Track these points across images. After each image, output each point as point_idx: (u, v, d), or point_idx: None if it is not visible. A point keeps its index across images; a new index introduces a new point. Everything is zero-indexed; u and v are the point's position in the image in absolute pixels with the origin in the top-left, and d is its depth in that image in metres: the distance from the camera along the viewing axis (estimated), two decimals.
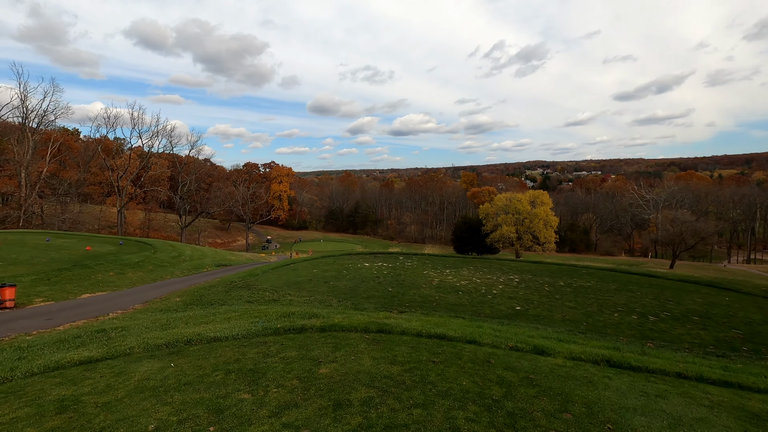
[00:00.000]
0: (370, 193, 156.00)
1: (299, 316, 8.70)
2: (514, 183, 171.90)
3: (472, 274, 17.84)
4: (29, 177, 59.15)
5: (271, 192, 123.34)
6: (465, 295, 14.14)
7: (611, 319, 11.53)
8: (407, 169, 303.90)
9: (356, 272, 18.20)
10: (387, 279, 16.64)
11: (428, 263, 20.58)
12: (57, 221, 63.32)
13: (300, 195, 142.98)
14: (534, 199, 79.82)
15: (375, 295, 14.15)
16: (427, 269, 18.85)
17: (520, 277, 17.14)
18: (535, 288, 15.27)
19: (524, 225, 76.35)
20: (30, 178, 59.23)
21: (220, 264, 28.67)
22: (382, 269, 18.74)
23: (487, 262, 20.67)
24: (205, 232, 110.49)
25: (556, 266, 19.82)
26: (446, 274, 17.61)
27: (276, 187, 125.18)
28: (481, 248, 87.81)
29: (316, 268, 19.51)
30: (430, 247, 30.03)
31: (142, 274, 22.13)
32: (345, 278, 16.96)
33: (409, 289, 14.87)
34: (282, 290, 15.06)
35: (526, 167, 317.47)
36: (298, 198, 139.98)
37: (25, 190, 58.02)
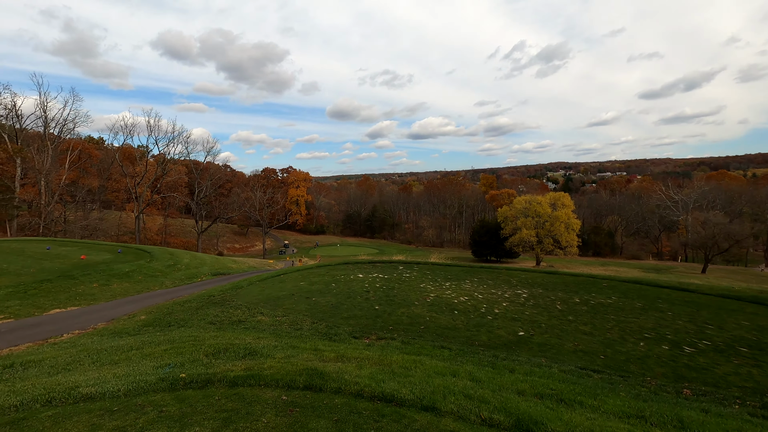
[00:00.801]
0: (388, 197, 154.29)
1: (231, 355, 6.88)
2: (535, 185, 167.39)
3: (474, 287, 15.70)
4: (49, 185, 59.78)
5: (289, 197, 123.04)
6: (461, 315, 12.06)
7: (636, 350, 9.28)
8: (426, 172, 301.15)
9: (346, 285, 16.32)
10: (377, 294, 14.70)
11: (429, 274, 18.53)
12: (76, 228, 63.90)
13: (317, 199, 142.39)
14: (554, 202, 76.68)
15: (357, 315, 12.24)
16: (425, 281, 16.81)
17: (529, 292, 14.91)
18: (544, 306, 13.04)
19: (545, 228, 73.33)
20: (50, 185, 59.86)
21: (218, 273, 27.29)
22: (375, 282, 16.80)
23: (495, 273, 18.45)
24: (223, 237, 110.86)
25: (572, 278, 17.45)
26: (445, 288, 15.53)
27: (293, 192, 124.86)
28: (500, 252, 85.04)
29: (304, 281, 17.73)
30: (437, 255, 27.93)
31: (128, 285, 20.84)
32: (331, 293, 15.11)
33: (398, 308, 12.89)
34: (256, 308, 13.30)
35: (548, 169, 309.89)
36: (316, 202, 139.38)
37: (45, 198, 58.64)
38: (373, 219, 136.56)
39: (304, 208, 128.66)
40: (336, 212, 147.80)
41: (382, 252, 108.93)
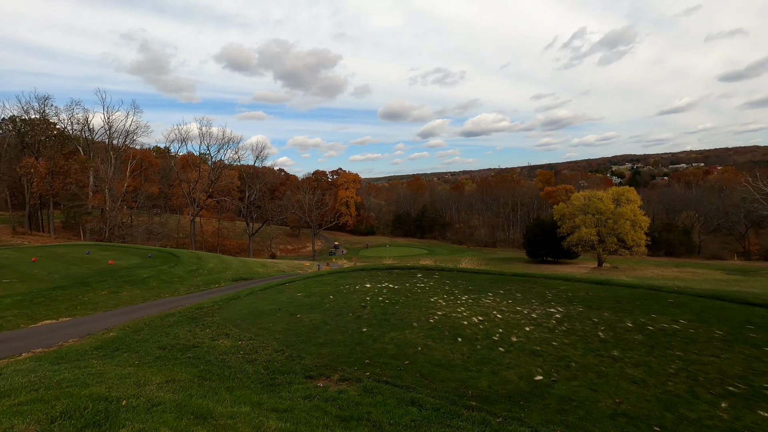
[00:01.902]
0: (439, 196, 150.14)
1: (70, 426, 4.77)
2: (598, 180, 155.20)
3: (496, 303, 12.63)
4: (112, 192, 63.41)
5: (338, 198, 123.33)
6: (464, 344, 9.19)
7: (714, 417, 5.98)
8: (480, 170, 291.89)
9: (344, 298, 13.91)
10: (374, 311, 12.14)
11: (447, 284, 15.61)
12: (137, 232, 67.52)
13: (367, 200, 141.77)
14: (618, 197, 69.39)
15: (336, 340, 9.79)
16: (439, 294, 13.96)
17: (565, 311, 11.59)
18: (581, 333, 9.75)
19: (607, 226, 66.52)
20: (113, 193, 63.48)
21: (240, 278, 26.07)
22: (380, 294, 14.22)
23: (527, 284, 15.14)
24: (276, 238, 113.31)
25: (627, 290, 13.73)
26: (459, 303, 12.61)
27: (343, 194, 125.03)
28: (557, 252, 78.84)
29: (304, 291, 15.56)
30: (468, 260, 24.98)
31: (139, 292, 19.95)
32: (322, 308, 12.78)
33: (389, 331, 10.26)
34: (227, 327, 11.29)
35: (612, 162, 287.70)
36: (366, 203, 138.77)
37: (109, 204, 62.25)
38: (423, 219, 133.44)
39: (354, 209, 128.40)
40: (386, 213, 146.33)
41: (432, 252, 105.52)
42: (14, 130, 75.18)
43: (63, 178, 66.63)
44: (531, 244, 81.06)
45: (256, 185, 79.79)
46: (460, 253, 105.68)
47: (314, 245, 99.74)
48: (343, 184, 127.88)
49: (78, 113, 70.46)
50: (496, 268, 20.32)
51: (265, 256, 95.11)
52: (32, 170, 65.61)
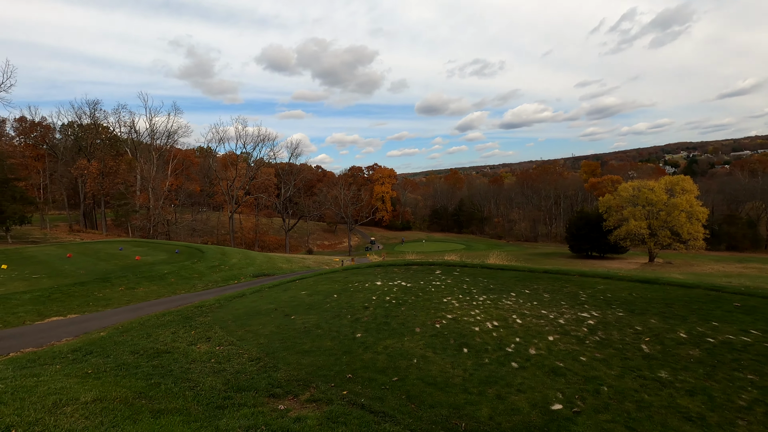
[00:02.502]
0: (477, 190, 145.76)
1: None
2: (649, 170, 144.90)
3: (518, 305, 10.81)
4: (155, 190, 65.76)
5: (374, 194, 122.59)
6: (469, 357, 7.56)
7: None
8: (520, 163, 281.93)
9: (348, 298, 12.56)
10: (377, 312, 10.70)
11: (467, 281, 13.88)
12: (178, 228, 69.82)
13: (403, 195, 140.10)
14: (672, 187, 63.90)
15: (323, 347, 8.45)
16: (455, 293, 12.29)
17: (601, 316, 9.62)
18: (619, 345, 7.82)
19: (659, 218, 61.44)
20: (156, 191, 65.83)
21: (261, 273, 25.43)
22: (388, 293, 12.75)
23: (559, 283, 13.13)
24: (314, 234, 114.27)
25: (683, 290, 11.45)
26: (475, 305, 10.91)
27: (378, 189, 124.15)
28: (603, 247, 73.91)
29: (309, 289, 14.37)
30: (496, 256, 22.78)
31: (155, 288, 19.61)
32: (321, 308, 11.49)
33: (386, 337, 8.79)
34: (213, 329, 10.24)
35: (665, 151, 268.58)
36: (401, 198, 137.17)
37: (153, 202, 64.63)
38: (461, 213, 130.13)
39: (390, 205, 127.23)
40: (422, 208, 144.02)
41: (469, 248, 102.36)
42: (72, 135, 79.73)
43: (112, 178, 69.93)
44: (574, 239, 76.55)
45: (291, 182, 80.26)
46: (498, 248, 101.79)
47: (350, 241, 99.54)
48: (378, 179, 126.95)
49: (124, 116, 73.83)
50: (528, 264, 18.26)
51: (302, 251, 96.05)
52: (85, 171, 69.33)
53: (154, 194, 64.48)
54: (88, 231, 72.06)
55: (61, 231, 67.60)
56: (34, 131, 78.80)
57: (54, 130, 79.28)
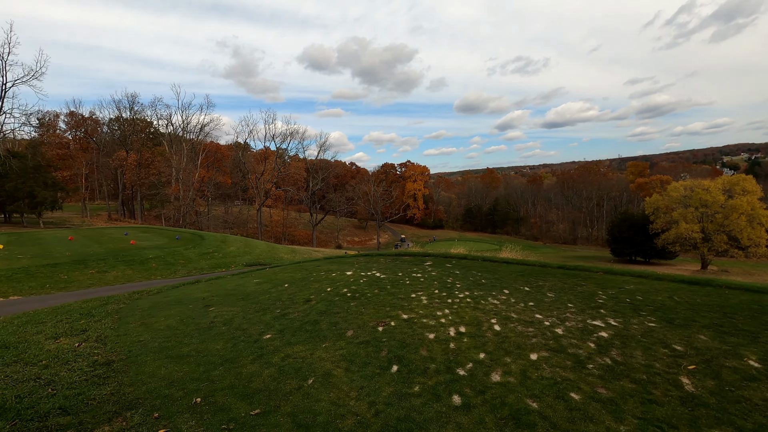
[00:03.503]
0: (513, 190, 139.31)
1: None
2: (704, 172, 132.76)
3: (505, 306, 7.82)
4: (184, 181, 66.30)
5: (406, 191, 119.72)
6: (396, 380, 4.79)
7: None
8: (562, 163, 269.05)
9: (300, 287, 10.01)
10: (317, 306, 8.08)
11: (457, 275, 10.96)
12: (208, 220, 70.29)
13: (436, 193, 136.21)
14: (731, 187, 56.93)
15: (208, 350, 5.93)
16: (432, 287, 9.44)
17: (620, 325, 6.49)
18: (643, 373, 4.76)
19: (715, 222, 54.82)
20: (185, 182, 66.37)
21: (257, 263, 23.42)
22: (354, 282, 10.10)
23: (574, 279, 9.96)
24: (344, 230, 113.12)
25: (749, 295, 8.03)
26: (450, 303, 8.03)
27: (411, 186, 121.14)
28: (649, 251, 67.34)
29: (263, 278, 11.97)
30: (510, 249, 19.34)
31: (130, 272, 17.98)
32: (255, 299, 9.00)
33: (299, 342, 6.15)
34: (106, 320, 8.04)
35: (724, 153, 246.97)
36: (434, 196, 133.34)
37: (182, 193, 65.19)
38: (495, 213, 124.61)
39: (422, 202, 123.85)
40: (456, 206, 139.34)
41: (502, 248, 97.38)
42: (118, 129, 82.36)
43: (148, 169, 71.43)
44: (617, 242, 70.48)
45: (320, 176, 79.00)
46: (533, 250, 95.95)
47: (379, 237, 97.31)
48: (411, 176, 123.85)
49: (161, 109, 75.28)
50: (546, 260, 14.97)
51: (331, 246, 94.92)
52: (124, 162, 71.23)
53: (184, 185, 64.97)
54: (126, 220, 74.06)
55: (99, 219, 69.75)
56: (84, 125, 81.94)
57: (102, 124, 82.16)
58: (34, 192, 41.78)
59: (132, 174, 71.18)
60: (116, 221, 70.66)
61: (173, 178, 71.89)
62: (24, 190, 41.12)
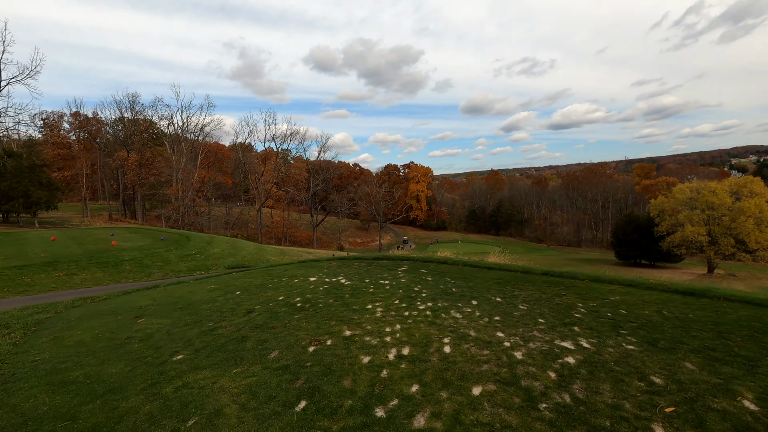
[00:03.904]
0: (518, 191, 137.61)
1: None
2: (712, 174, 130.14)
3: (467, 321, 6.80)
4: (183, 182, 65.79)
5: (409, 192, 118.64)
6: (295, 421, 3.85)
7: None
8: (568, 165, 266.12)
9: (253, 295, 9.10)
10: (256, 319, 7.13)
11: (428, 282, 9.97)
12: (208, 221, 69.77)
13: (440, 195, 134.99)
14: (738, 189, 55.38)
15: (100, 375, 4.99)
16: (393, 297, 8.46)
17: (593, 347, 5.43)
18: (606, 417, 3.76)
19: (722, 224, 53.29)
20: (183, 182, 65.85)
21: (240, 265, 22.55)
22: (312, 290, 9.16)
23: (556, 288, 8.92)
24: (346, 231, 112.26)
25: (749, 309, 6.96)
26: (406, 316, 7.04)
27: (414, 187, 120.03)
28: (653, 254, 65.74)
29: (217, 284, 11.08)
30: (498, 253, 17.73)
31: (100, 275, 17.16)
32: (196, 309, 8.08)
33: (209, 366, 5.19)
34: (18, 332, 7.19)
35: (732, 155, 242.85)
36: (438, 198, 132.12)
37: (180, 193, 64.66)
38: (499, 214, 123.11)
39: (425, 204, 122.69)
40: (459, 208, 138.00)
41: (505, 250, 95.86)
42: (122, 130, 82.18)
43: (149, 169, 71.08)
44: (621, 244, 68.93)
45: (320, 177, 78.25)
46: (537, 252, 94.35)
47: (380, 239, 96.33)
48: (414, 177, 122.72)
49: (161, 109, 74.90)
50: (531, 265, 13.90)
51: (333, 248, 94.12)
52: (125, 163, 70.95)
53: (182, 185, 64.46)
54: (126, 220, 73.77)
55: (100, 219, 69.47)
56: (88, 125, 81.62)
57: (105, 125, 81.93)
58: (29, 191, 41.37)
59: (132, 174, 70.89)
60: (117, 221, 70.35)
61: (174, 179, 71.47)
62: (19, 189, 40.72)
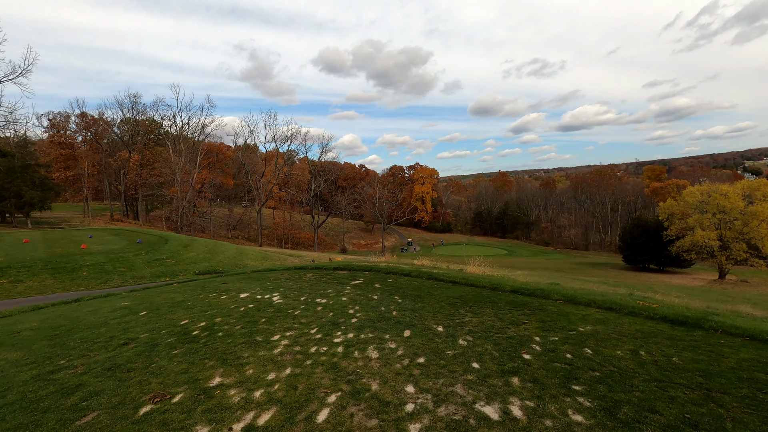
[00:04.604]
0: (525, 194, 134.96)
1: None
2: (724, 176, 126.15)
3: (381, 363, 5.24)
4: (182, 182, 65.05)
5: (414, 194, 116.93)
6: None
7: None
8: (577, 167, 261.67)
9: (158, 318, 7.66)
10: (125, 355, 5.69)
11: (372, 301, 8.41)
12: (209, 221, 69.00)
13: (446, 196, 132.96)
14: (751, 192, 52.84)
15: None
16: (315, 322, 6.93)
17: (526, 417, 3.85)
18: None
19: (733, 229, 50.80)
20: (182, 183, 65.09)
21: (213, 270, 21.23)
22: (227, 311, 7.69)
23: (518, 313, 7.33)
24: (350, 233, 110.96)
25: (753, 350, 5.29)
26: (312, 354, 5.51)
27: (418, 189, 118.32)
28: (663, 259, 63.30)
29: (136, 300, 9.67)
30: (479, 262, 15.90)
31: (50, 282, 15.94)
32: (66, 340, 6.68)
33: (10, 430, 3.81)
34: None
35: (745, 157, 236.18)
36: (443, 200, 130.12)
37: (179, 194, 63.94)
38: (505, 217, 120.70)
39: (430, 205, 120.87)
40: (466, 210, 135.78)
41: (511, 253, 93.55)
42: (128, 131, 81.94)
43: (150, 169, 70.59)
44: (629, 248, 66.56)
45: (321, 178, 77.05)
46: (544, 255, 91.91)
47: (383, 240, 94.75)
48: (419, 179, 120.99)
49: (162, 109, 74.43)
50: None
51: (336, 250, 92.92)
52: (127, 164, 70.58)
53: (182, 186, 63.72)
54: (128, 220, 73.39)
55: (101, 220, 69.13)
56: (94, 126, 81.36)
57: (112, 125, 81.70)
58: (21, 191, 40.76)
59: (134, 174, 70.49)
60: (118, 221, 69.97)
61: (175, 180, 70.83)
62: (11, 189, 40.13)
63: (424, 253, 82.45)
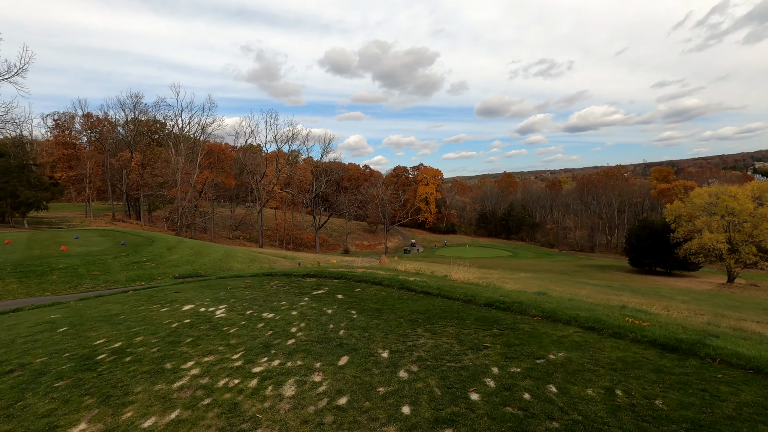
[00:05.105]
0: (530, 195, 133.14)
1: None
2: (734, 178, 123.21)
3: (293, 406, 4.24)
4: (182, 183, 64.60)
5: (417, 194, 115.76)
6: None
7: None
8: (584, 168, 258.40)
9: (70, 337, 6.71)
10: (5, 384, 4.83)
11: (326, 316, 7.44)
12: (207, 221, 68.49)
13: (450, 197, 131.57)
14: (761, 194, 51.14)
15: None
16: (254, 342, 5.96)
17: None
18: None
19: (743, 231, 49.11)
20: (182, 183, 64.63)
21: (195, 274, 20.37)
22: (157, 329, 6.75)
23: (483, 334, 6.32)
24: (353, 234, 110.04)
25: (755, 387, 4.21)
26: (217, 390, 4.53)
27: (422, 190, 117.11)
28: (669, 262, 61.71)
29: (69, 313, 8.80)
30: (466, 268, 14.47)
31: (15, 287, 15.21)
32: None
33: None
34: None
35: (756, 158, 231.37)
36: (448, 200, 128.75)
37: (180, 194, 63.48)
38: (510, 218, 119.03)
39: (434, 206, 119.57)
40: (470, 211, 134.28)
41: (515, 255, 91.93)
42: (134, 131, 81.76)
43: (151, 169, 70.31)
44: (635, 251, 64.92)
45: (323, 178, 76.23)
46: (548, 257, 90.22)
47: (386, 241, 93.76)
48: (423, 179, 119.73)
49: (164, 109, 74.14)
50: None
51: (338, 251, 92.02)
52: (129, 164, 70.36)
53: (182, 186, 63.27)
54: (129, 221, 73.18)
55: (102, 220, 68.94)
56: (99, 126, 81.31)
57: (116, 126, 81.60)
58: (17, 191, 40.39)
59: (135, 174, 70.26)
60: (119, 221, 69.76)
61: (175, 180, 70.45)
62: (7, 189, 39.79)
63: (427, 255, 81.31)
